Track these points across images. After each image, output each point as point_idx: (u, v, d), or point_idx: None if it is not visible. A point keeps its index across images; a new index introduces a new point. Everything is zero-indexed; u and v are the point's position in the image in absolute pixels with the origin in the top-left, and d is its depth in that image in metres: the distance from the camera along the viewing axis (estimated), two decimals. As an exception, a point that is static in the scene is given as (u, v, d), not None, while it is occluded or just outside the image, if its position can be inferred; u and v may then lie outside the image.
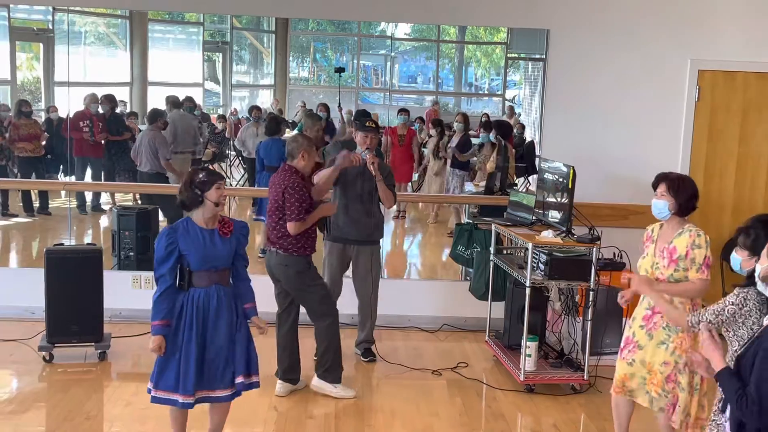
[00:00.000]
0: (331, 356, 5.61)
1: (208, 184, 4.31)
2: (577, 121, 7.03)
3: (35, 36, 8.91)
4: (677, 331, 4.33)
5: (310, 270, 5.55)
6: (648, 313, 4.47)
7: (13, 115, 8.81)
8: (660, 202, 4.40)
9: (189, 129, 8.80)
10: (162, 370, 4.36)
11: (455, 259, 7.11)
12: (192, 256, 4.31)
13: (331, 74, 10.53)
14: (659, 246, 4.45)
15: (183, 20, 9.82)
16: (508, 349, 6.34)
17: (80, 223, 8.62)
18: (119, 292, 6.81)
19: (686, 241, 4.34)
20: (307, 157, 5.45)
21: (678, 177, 4.47)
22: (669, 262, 4.36)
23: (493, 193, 7.55)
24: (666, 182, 4.40)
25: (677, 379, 4.35)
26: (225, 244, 4.39)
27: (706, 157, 7.14)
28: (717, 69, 7.02)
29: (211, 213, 4.35)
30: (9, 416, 5.15)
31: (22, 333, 6.51)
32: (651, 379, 4.42)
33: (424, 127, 9.84)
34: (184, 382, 4.30)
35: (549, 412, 5.55)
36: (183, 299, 4.34)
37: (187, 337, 4.31)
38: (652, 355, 4.42)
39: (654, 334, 4.42)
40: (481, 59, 10.76)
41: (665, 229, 4.48)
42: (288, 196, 5.32)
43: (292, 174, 5.40)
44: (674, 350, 4.35)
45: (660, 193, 4.40)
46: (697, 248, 4.31)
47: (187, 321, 4.32)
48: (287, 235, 5.39)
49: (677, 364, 4.34)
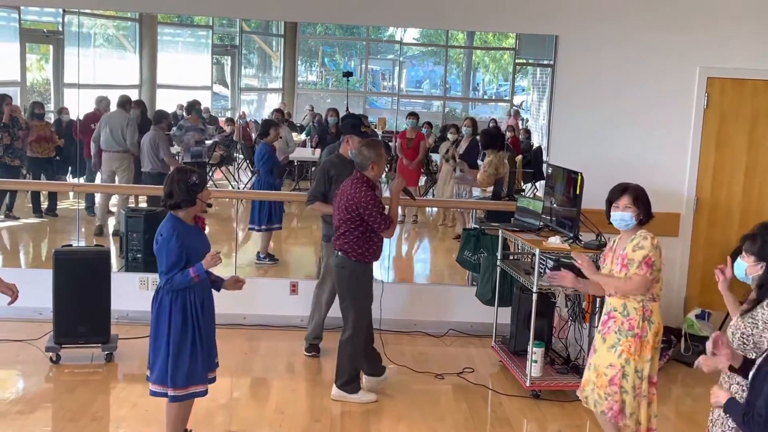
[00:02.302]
0: (348, 370, 5.64)
1: (201, 185, 4.47)
2: (585, 127, 7.02)
3: (45, 38, 8.95)
4: (627, 336, 4.42)
5: (362, 278, 5.58)
6: (605, 318, 4.58)
7: (26, 116, 8.85)
8: (626, 214, 4.47)
9: (117, 128, 8.66)
10: (176, 369, 4.45)
11: (462, 264, 7.10)
12: (193, 251, 4.43)
13: (339, 78, 10.57)
14: (616, 254, 4.55)
15: (192, 23, 9.86)
16: (514, 354, 6.33)
17: (88, 225, 8.64)
18: (126, 294, 6.82)
19: (633, 245, 4.44)
20: (377, 168, 5.50)
21: (638, 187, 4.54)
22: (621, 267, 4.46)
23: (501, 199, 7.55)
24: (629, 194, 4.48)
25: (621, 383, 4.42)
26: (204, 237, 4.68)
27: (714, 164, 7.13)
28: (726, 77, 7.01)
29: (198, 211, 4.55)
30: (16, 416, 5.16)
31: (29, 333, 6.52)
32: (597, 381, 4.51)
33: (431, 132, 9.86)
34: (201, 372, 4.51)
35: (555, 419, 5.55)
36: (186, 295, 4.45)
37: (196, 331, 4.47)
38: (601, 358, 4.51)
39: (606, 338, 4.52)
40: (489, 65, 10.78)
41: (622, 238, 4.58)
42: (365, 212, 5.39)
43: (363, 186, 5.44)
44: (621, 353, 4.43)
45: (624, 205, 4.47)
46: (639, 249, 4.40)
47: (192, 316, 4.45)
48: (349, 241, 5.48)
49: (623, 367, 4.41)
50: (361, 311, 5.61)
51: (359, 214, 5.40)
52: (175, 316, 4.43)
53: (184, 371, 4.45)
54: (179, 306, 4.42)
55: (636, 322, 4.41)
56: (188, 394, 4.53)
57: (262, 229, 8.34)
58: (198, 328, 4.46)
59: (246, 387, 5.90)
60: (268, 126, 8.73)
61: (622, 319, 4.46)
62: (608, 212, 4.56)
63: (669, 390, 6.17)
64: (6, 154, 8.61)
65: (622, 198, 4.48)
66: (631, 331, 4.40)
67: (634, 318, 4.41)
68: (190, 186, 4.40)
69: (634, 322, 4.41)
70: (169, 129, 8.68)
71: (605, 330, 4.53)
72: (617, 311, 4.48)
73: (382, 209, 5.43)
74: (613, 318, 4.50)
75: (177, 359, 4.44)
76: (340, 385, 5.65)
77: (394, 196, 5.64)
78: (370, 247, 5.52)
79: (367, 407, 5.56)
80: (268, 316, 7.17)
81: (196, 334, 4.45)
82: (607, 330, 4.52)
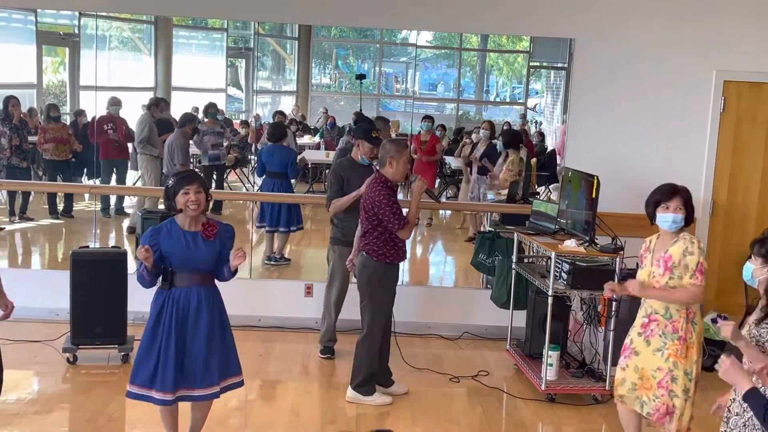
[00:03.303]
0: (363, 372, 5.64)
1: (174, 190, 4.38)
2: (600, 131, 7.01)
3: (61, 40, 9.00)
4: (673, 339, 4.40)
5: (384, 279, 5.55)
6: (645, 321, 4.54)
7: (42, 119, 8.91)
8: (678, 216, 4.42)
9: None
10: (139, 366, 4.43)
11: (477, 267, 7.09)
12: (173, 257, 4.38)
13: (352, 81, 10.58)
14: (656, 256, 4.51)
15: (207, 26, 9.90)
16: (529, 358, 6.33)
17: (103, 226, 8.69)
18: (142, 295, 6.78)
19: (680, 249, 4.39)
20: (395, 165, 5.45)
21: (686, 189, 4.51)
22: (664, 270, 4.42)
23: (516, 202, 7.54)
24: (681, 195, 4.44)
25: (669, 386, 4.40)
26: (208, 247, 4.42)
27: (730, 168, 7.10)
28: (742, 80, 6.99)
29: (188, 216, 4.40)
30: (33, 417, 5.19)
31: (46, 334, 6.56)
32: (643, 384, 4.49)
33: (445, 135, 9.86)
34: (163, 379, 4.36)
35: (570, 422, 5.54)
36: (164, 298, 4.41)
37: (166, 335, 4.37)
38: (647, 362, 4.48)
39: (651, 341, 4.49)
40: (503, 67, 10.78)
41: (662, 239, 4.54)
42: (380, 212, 5.39)
43: (379, 185, 5.44)
44: (669, 357, 4.41)
45: (675, 207, 4.42)
46: (690, 254, 4.36)
47: (166, 319, 4.39)
48: (370, 241, 5.49)
49: (671, 371, 4.40)
50: (378, 313, 5.59)
51: (375, 213, 5.41)
52: (151, 313, 4.43)
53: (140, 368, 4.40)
54: (157, 305, 4.42)
55: (680, 325, 4.38)
56: (136, 393, 4.44)
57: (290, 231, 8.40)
58: (170, 334, 4.35)
59: (261, 389, 5.91)
60: (283, 128, 8.77)
61: (665, 322, 4.43)
62: (653, 213, 4.49)
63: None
64: (15, 155, 8.67)
65: (674, 199, 4.43)
66: (676, 334, 4.38)
67: (677, 320, 4.38)
68: (167, 191, 4.43)
69: (678, 324, 4.38)
70: (194, 134, 8.72)
71: (648, 333, 4.50)
72: (659, 314, 4.45)
73: (397, 209, 5.40)
74: (655, 321, 4.47)
75: (140, 353, 4.42)
76: (355, 386, 5.66)
77: (415, 197, 5.58)
78: (391, 247, 5.50)
79: (382, 409, 5.57)
80: (282, 318, 7.19)
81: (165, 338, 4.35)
82: (650, 333, 4.48)
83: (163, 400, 4.40)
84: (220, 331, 4.50)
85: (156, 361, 4.37)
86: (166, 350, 4.36)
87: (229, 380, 4.57)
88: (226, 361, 4.53)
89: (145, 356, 4.41)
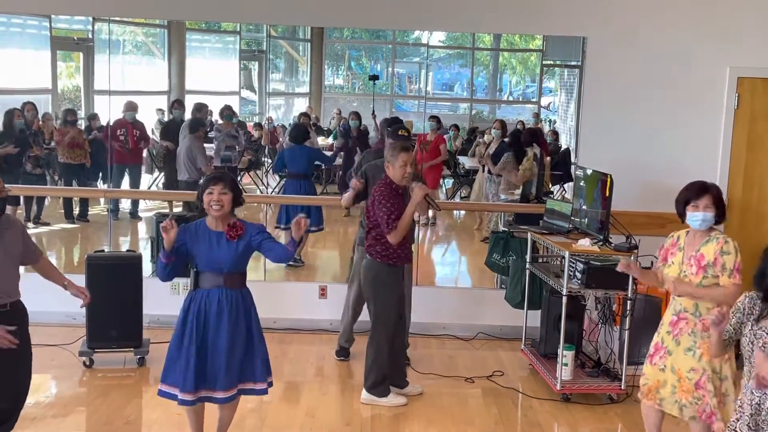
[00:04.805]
0: (374, 373, 5.64)
1: (202, 190, 4.44)
2: (613, 129, 6.97)
3: (75, 45, 9.06)
4: (704, 337, 4.32)
5: (386, 281, 5.53)
6: (674, 318, 4.48)
7: (60, 123, 8.96)
8: (708, 214, 4.36)
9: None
10: (169, 366, 4.50)
11: (490, 267, 7.08)
12: (198, 257, 4.43)
13: (365, 82, 10.58)
14: (687, 254, 4.44)
15: (220, 29, 9.93)
16: (544, 357, 6.31)
17: (116, 230, 8.74)
18: (158, 298, 6.88)
19: (714, 248, 4.33)
20: (391, 167, 5.42)
21: (717, 187, 4.46)
22: (698, 269, 4.35)
23: (529, 201, 7.52)
24: (710, 194, 4.37)
25: (707, 386, 4.33)
26: (230, 248, 4.41)
27: (745, 165, 7.05)
28: (756, 76, 6.93)
29: (212, 216, 4.43)
30: (51, 420, 5.23)
31: (62, 338, 6.61)
32: (681, 386, 4.42)
33: (458, 135, 9.85)
34: (184, 380, 4.41)
35: (586, 422, 5.52)
36: (190, 299, 4.48)
37: (189, 336, 4.42)
38: (680, 362, 4.42)
39: (680, 340, 4.43)
40: (516, 66, 10.76)
41: (692, 237, 4.47)
42: (377, 210, 5.39)
43: (383, 185, 5.44)
44: (701, 356, 4.35)
45: (705, 205, 4.36)
46: (726, 254, 4.30)
47: (190, 320, 4.44)
48: (373, 243, 5.49)
49: (705, 370, 4.33)
50: (381, 314, 5.58)
51: (374, 213, 5.43)
52: (180, 313, 4.51)
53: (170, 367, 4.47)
54: (185, 305, 4.50)
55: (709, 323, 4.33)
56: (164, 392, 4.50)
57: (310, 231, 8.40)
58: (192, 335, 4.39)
59: (276, 390, 5.90)
60: (305, 129, 8.80)
61: (694, 320, 4.38)
62: (683, 211, 4.43)
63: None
64: (28, 162, 8.73)
65: (703, 198, 4.36)
66: (706, 333, 4.26)
67: (707, 318, 4.27)
68: (198, 191, 4.49)
69: (708, 322, 4.29)
70: (206, 136, 8.75)
71: (677, 331, 4.44)
72: (688, 312, 4.41)
73: (391, 212, 5.35)
74: (685, 319, 4.41)
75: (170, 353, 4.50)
76: (368, 387, 5.67)
77: (411, 203, 5.41)
78: (389, 247, 5.47)
79: (397, 411, 5.57)
80: (298, 320, 7.20)
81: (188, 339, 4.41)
82: (679, 331, 4.43)
83: (183, 401, 4.44)
84: (246, 335, 4.49)
85: (182, 362, 4.43)
86: (188, 351, 4.41)
87: (249, 384, 4.55)
88: (250, 365, 4.52)
89: (175, 357, 4.48)
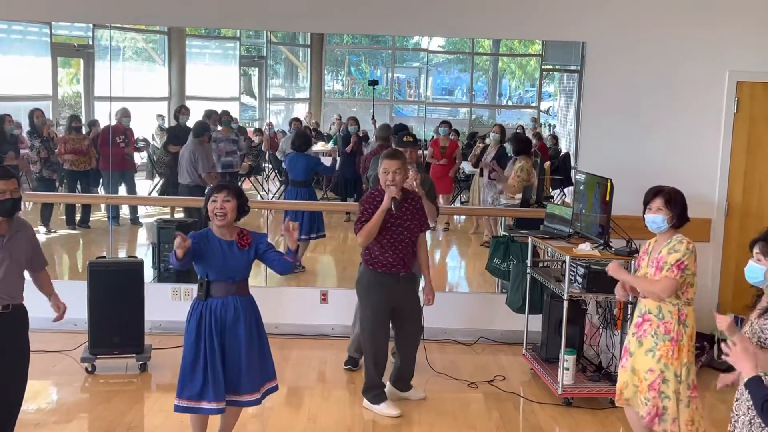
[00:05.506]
0: (366, 377, 5.67)
1: (206, 198, 4.47)
2: (613, 133, 6.99)
3: (76, 52, 9.07)
4: (664, 340, 4.42)
5: (369, 286, 5.54)
6: (639, 320, 4.58)
7: (63, 130, 8.98)
8: (658, 217, 4.46)
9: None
10: (185, 381, 4.49)
11: (491, 272, 7.09)
12: (210, 266, 4.43)
13: (365, 87, 10.59)
14: (652, 257, 4.55)
15: (220, 35, 9.96)
16: (545, 362, 6.32)
17: (116, 237, 8.74)
18: (159, 304, 6.89)
19: (668, 248, 4.44)
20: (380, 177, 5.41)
21: (672, 190, 4.53)
22: (655, 270, 4.46)
23: (530, 206, 7.53)
24: (662, 196, 4.47)
25: (660, 388, 4.41)
26: (243, 256, 4.48)
27: (745, 168, 7.07)
28: (756, 80, 6.96)
29: (215, 224, 4.45)
30: (53, 426, 5.24)
31: (64, 344, 6.61)
32: (640, 386, 4.51)
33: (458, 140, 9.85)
34: (215, 389, 4.42)
35: (587, 426, 5.53)
36: (201, 309, 4.46)
37: (209, 347, 4.43)
38: (640, 363, 4.51)
39: (643, 341, 4.52)
40: (516, 71, 10.76)
41: (658, 242, 4.58)
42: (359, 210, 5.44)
43: (375, 190, 5.48)
44: (660, 358, 4.42)
45: (656, 208, 4.47)
46: (674, 252, 4.40)
47: (206, 330, 4.45)
48: (362, 248, 5.51)
49: (662, 372, 4.41)
50: (362, 318, 5.65)
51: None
52: (189, 325, 4.50)
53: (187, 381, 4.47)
54: (195, 316, 4.49)
55: (672, 326, 4.40)
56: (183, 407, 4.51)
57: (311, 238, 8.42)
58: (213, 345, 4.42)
59: (278, 396, 5.89)
60: (308, 137, 8.81)
61: (657, 322, 4.46)
62: (644, 215, 4.56)
63: (702, 397, 6.07)
64: (45, 168, 8.76)
65: (655, 200, 4.48)
66: (668, 335, 4.41)
67: (669, 321, 4.41)
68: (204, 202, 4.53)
69: (670, 325, 4.41)
70: (209, 141, 8.77)
71: (640, 333, 4.53)
72: (652, 314, 4.48)
73: (365, 215, 5.36)
74: (648, 321, 4.50)
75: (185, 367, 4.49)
76: (362, 392, 5.70)
77: (381, 207, 5.33)
78: (371, 253, 5.48)
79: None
80: (299, 326, 7.21)
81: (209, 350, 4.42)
82: (643, 333, 4.51)
83: (218, 409, 4.48)
84: (258, 338, 4.58)
85: (203, 374, 4.43)
86: (212, 362, 4.42)
87: (267, 385, 4.68)
88: (265, 366, 4.65)
89: (191, 370, 4.47)
